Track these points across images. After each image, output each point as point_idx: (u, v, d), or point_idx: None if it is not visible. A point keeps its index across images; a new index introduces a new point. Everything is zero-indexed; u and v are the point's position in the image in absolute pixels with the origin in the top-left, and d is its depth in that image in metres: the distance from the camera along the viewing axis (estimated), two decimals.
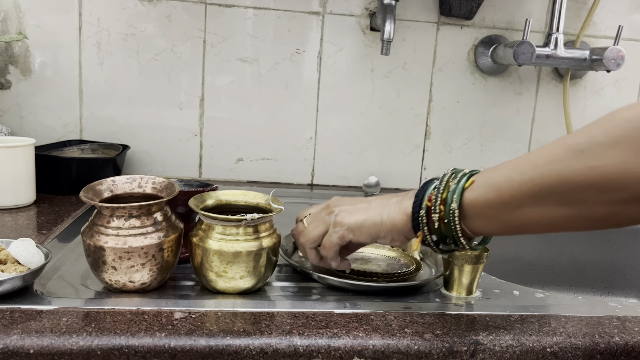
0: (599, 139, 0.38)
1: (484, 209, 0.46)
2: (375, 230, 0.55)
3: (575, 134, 0.41)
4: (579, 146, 0.39)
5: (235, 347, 0.49)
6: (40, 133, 1.08)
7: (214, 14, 1.08)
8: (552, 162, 0.41)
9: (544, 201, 0.42)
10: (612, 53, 1.05)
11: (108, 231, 0.55)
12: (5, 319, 0.50)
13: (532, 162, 0.42)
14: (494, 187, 0.45)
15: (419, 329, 0.53)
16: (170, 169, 1.13)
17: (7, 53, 1.05)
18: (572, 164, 0.39)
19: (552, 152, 0.41)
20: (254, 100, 1.12)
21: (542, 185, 0.41)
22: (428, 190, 0.51)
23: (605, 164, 0.38)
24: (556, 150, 0.41)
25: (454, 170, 0.51)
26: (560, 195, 0.41)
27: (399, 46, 1.13)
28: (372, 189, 1.09)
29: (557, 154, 0.41)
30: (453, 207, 0.47)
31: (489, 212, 0.46)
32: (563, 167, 0.40)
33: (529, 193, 0.42)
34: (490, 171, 0.47)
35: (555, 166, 0.40)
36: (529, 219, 0.44)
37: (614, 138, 0.38)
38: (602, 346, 0.54)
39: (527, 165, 0.43)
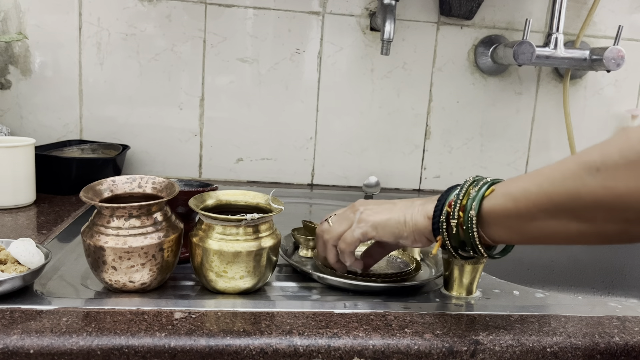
0: (614, 159, 0.39)
1: (501, 218, 0.48)
2: (398, 230, 0.56)
3: (590, 150, 0.41)
4: (594, 164, 0.40)
5: (235, 347, 0.49)
6: (40, 133, 1.08)
7: (214, 14, 1.08)
8: (567, 178, 0.42)
9: (559, 215, 0.43)
10: (612, 53, 1.05)
11: (108, 231, 0.55)
12: (5, 319, 0.50)
13: (549, 176, 0.43)
14: (511, 197, 0.46)
15: (419, 329, 0.53)
16: (170, 169, 1.13)
17: (7, 53, 1.05)
18: (587, 181, 0.40)
19: (568, 168, 0.42)
20: (254, 100, 1.12)
21: (557, 199, 0.42)
22: (450, 196, 0.52)
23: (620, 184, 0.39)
24: (572, 167, 0.42)
25: (476, 177, 0.52)
26: (574, 211, 0.42)
27: (399, 46, 1.13)
28: (372, 189, 1.09)
29: (573, 170, 0.41)
30: (471, 214, 0.49)
31: (506, 221, 0.47)
32: (578, 184, 0.41)
33: (544, 206, 0.44)
34: (510, 181, 0.48)
35: (570, 182, 0.41)
36: (544, 231, 0.45)
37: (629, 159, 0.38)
38: (602, 346, 0.54)
39: (543, 178, 0.44)
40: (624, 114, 1.22)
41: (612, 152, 0.39)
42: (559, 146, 1.22)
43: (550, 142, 1.22)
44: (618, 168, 0.39)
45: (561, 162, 0.43)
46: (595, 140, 1.22)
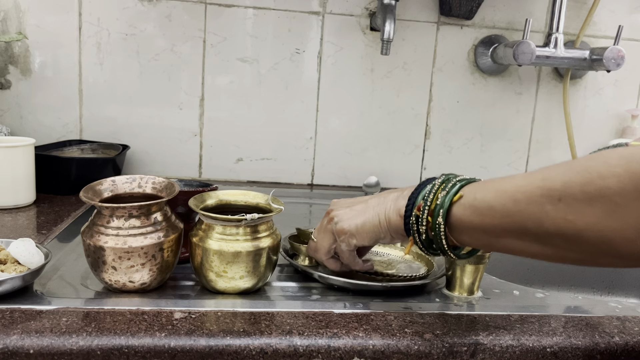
0: (575, 192, 0.38)
1: (468, 230, 0.47)
2: (375, 232, 0.55)
3: (555, 174, 0.40)
4: (556, 193, 0.39)
5: (235, 347, 0.49)
6: (40, 133, 1.08)
7: (214, 14, 1.08)
8: (531, 203, 0.41)
9: (522, 237, 0.43)
10: (612, 53, 1.05)
11: (108, 231, 0.55)
12: (5, 319, 0.50)
13: (513, 195, 0.43)
14: (477, 211, 0.46)
15: (419, 329, 0.53)
16: (170, 169, 1.13)
17: (7, 53, 1.05)
18: (549, 210, 0.40)
19: (532, 192, 0.41)
20: (254, 100, 1.12)
21: (520, 223, 0.42)
22: (419, 196, 0.51)
23: (579, 219, 0.38)
24: (536, 192, 0.41)
25: (446, 178, 0.51)
26: (537, 235, 0.42)
27: (399, 46, 1.13)
28: (372, 189, 1.09)
29: (537, 196, 0.41)
30: (439, 221, 0.48)
31: (473, 233, 0.47)
32: (540, 211, 0.40)
33: (507, 227, 0.43)
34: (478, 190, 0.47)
35: (533, 208, 0.41)
36: (509, 247, 0.45)
37: (589, 195, 0.37)
38: (602, 346, 0.54)
39: (508, 197, 0.43)
40: (624, 114, 1.22)
41: (573, 184, 0.38)
42: (559, 146, 1.22)
43: (550, 142, 1.22)
44: (578, 202, 0.38)
45: (527, 180, 0.42)
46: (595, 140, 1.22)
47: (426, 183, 0.52)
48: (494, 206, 0.44)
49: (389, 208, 0.54)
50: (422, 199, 0.50)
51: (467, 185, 0.49)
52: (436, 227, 0.48)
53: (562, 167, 0.40)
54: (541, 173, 0.42)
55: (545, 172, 0.41)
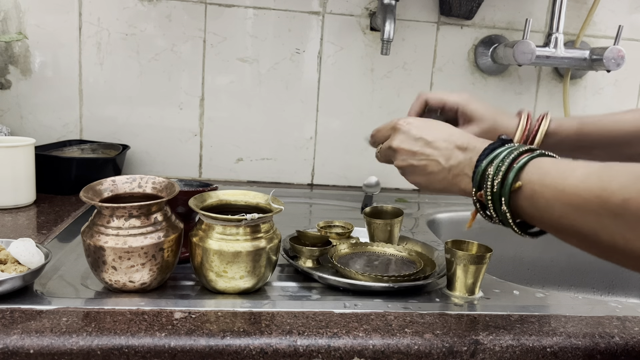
0: (634, 210, 0.37)
1: (530, 218, 0.47)
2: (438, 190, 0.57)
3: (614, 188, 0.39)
4: (615, 208, 0.38)
5: (235, 347, 0.49)
6: (40, 133, 1.08)
7: (214, 14, 1.08)
8: (588, 213, 0.40)
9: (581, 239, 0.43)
10: (612, 53, 1.05)
11: (108, 231, 0.55)
12: (5, 319, 0.50)
13: (571, 199, 0.42)
14: (535, 206, 0.46)
15: (419, 329, 0.53)
16: (170, 169, 1.13)
17: (7, 53, 1.05)
18: (607, 223, 0.39)
19: (590, 201, 0.40)
20: (254, 100, 1.12)
21: (578, 228, 0.42)
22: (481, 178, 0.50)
23: (637, 239, 0.37)
24: (594, 201, 0.40)
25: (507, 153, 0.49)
26: (595, 243, 0.41)
27: (399, 46, 1.13)
28: (372, 189, 1.09)
29: (594, 206, 0.40)
30: (504, 209, 0.48)
31: (535, 221, 0.48)
32: (597, 222, 0.40)
33: (566, 228, 0.43)
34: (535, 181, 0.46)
35: (590, 218, 0.40)
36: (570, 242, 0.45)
37: None
38: (602, 346, 0.54)
39: (566, 199, 0.42)
40: None
41: (633, 201, 0.37)
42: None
43: None
44: (637, 222, 0.37)
45: (586, 185, 0.41)
46: None
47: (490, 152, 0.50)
48: (553, 206, 0.44)
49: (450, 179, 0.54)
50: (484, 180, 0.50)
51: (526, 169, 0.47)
52: (502, 214, 0.49)
53: (623, 176, 0.39)
54: (600, 178, 0.40)
55: (605, 179, 0.40)
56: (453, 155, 0.54)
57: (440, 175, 0.55)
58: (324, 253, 0.69)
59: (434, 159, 0.55)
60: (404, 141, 0.58)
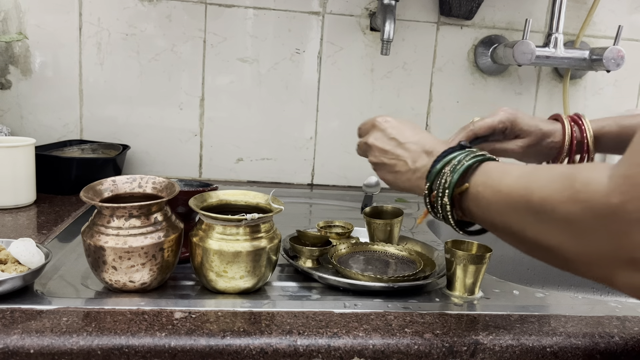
0: (548, 210, 0.40)
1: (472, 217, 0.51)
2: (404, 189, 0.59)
3: (535, 188, 0.42)
4: (535, 207, 0.42)
5: (235, 347, 0.49)
6: (40, 133, 1.08)
7: (214, 14, 1.08)
8: (516, 211, 0.44)
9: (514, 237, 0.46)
10: (611, 53, 1.05)
11: (108, 231, 0.55)
12: (6, 318, 0.50)
13: (505, 198, 0.45)
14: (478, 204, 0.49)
15: (419, 329, 0.53)
16: (170, 169, 1.13)
17: (8, 53, 1.05)
18: (529, 221, 0.42)
19: (517, 201, 0.44)
20: (254, 100, 1.13)
21: (509, 225, 0.45)
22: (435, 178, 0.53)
23: (551, 237, 0.40)
24: (520, 200, 0.43)
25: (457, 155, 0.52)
26: (523, 240, 0.44)
27: (399, 46, 1.13)
28: (372, 188, 1.09)
29: (520, 204, 0.43)
30: (445, 202, 0.52)
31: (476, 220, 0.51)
32: (522, 220, 0.43)
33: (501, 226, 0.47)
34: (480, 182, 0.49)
35: (517, 216, 0.44)
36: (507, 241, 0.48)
37: (559, 216, 0.39)
38: (602, 346, 0.54)
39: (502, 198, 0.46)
40: (624, 114, 1.22)
41: (549, 202, 0.40)
42: None
43: None
44: (552, 221, 0.40)
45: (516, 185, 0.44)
46: None
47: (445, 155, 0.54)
48: (491, 205, 0.47)
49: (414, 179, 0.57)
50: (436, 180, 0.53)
51: (475, 172, 0.50)
52: (443, 208, 0.52)
53: (546, 177, 0.42)
54: (527, 180, 0.44)
55: (530, 180, 0.43)
56: (419, 158, 0.57)
57: (406, 176, 0.58)
58: (324, 253, 0.69)
59: (403, 159, 0.59)
60: (378, 139, 0.61)
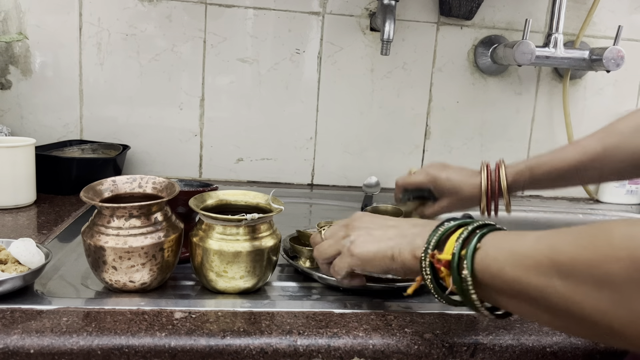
0: (582, 272, 0.36)
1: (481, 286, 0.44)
2: (386, 265, 0.52)
3: (562, 247, 0.38)
4: (564, 269, 0.37)
5: (235, 347, 0.49)
6: (40, 133, 1.08)
7: (214, 14, 1.08)
8: (539, 274, 0.39)
9: (533, 305, 0.41)
10: (611, 53, 1.05)
11: (108, 231, 0.55)
12: (6, 318, 0.50)
13: (523, 260, 0.40)
14: (488, 270, 0.43)
15: (419, 329, 0.53)
16: (170, 169, 1.13)
17: (8, 53, 1.05)
18: (557, 285, 0.37)
19: (540, 262, 0.39)
20: (254, 100, 1.13)
21: (529, 291, 0.40)
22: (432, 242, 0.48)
23: (586, 302, 0.36)
24: (544, 261, 0.38)
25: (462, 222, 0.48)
26: (546, 307, 0.39)
27: (399, 46, 1.13)
28: (372, 189, 1.09)
29: (544, 267, 0.38)
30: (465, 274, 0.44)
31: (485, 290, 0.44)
32: (547, 284, 0.38)
33: (519, 293, 0.41)
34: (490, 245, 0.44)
35: (541, 280, 0.39)
36: (522, 312, 0.43)
37: (596, 278, 0.35)
38: (602, 346, 0.54)
39: (519, 261, 0.41)
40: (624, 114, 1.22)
41: (581, 262, 0.36)
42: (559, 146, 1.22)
43: (550, 142, 1.22)
44: (585, 284, 0.36)
45: (537, 246, 0.40)
46: None
47: (446, 223, 0.48)
48: (505, 268, 0.41)
49: (405, 244, 0.50)
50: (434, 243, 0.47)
51: (484, 237, 0.45)
52: (463, 278, 0.44)
53: (571, 236, 0.38)
54: (550, 239, 0.39)
55: (554, 240, 0.39)
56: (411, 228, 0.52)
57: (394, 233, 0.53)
58: None
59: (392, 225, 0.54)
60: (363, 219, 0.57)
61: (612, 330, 0.35)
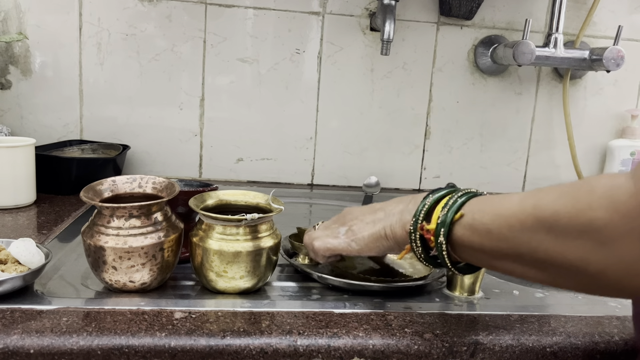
0: (564, 223, 0.37)
1: (468, 249, 0.47)
2: (382, 245, 0.55)
3: (545, 204, 0.39)
4: (546, 223, 0.39)
5: (235, 347, 0.49)
6: (40, 133, 1.08)
7: (214, 14, 1.08)
8: (524, 231, 0.41)
9: (519, 262, 0.42)
10: (611, 53, 1.05)
11: (108, 231, 0.55)
12: (6, 318, 0.50)
13: (508, 220, 0.42)
14: (476, 232, 0.45)
15: (419, 329, 0.53)
16: (170, 169, 1.13)
17: (8, 53, 1.05)
18: (541, 239, 0.39)
19: (524, 220, 0.41)
20: (254, 100, 1.13)
21: (515, 249, 0.42)
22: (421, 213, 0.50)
23: (569, 252, 0.37)
24: (528, 219, 0.40)
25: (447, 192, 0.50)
26: (533, 262, 0.41)
27: (399, 46, 1.13)
28: (372, 189, 1.09)
29: (529, 224, 0.40)
30: (441, 240, 0.48)
31: (473, 252, 0.47)
32: (532, 239, 0.40)
33: (505, 252, 0.43)
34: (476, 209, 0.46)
35: (525, 236, 0.40)
36: (508, 270, 0.44)
37: (578, 228, 0.36)
38: (602, 346, 0.54)
39: (504, 221, 0.43)
40: (624, 114, 1.22)
41: (563, 214, 0.38)
42: (558, 146, 1.22)
43: (550, 142, 1.22)
44: (567, 234, 0.37)
45: (521, 206, 0.42)
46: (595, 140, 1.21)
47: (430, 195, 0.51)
48: (491, 229, 0.44)
49: (395, 222, 0.54)
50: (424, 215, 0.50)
51: (469, 201, 0.48)
52: (439, 245, 0.48)
53: (554, 193, 0.40)
54: (534, 197, 0.41)
55: (538, 198, 0.41)
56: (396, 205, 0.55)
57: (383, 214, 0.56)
58: None
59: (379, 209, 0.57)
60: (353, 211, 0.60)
61: (596, 277, 0.37)
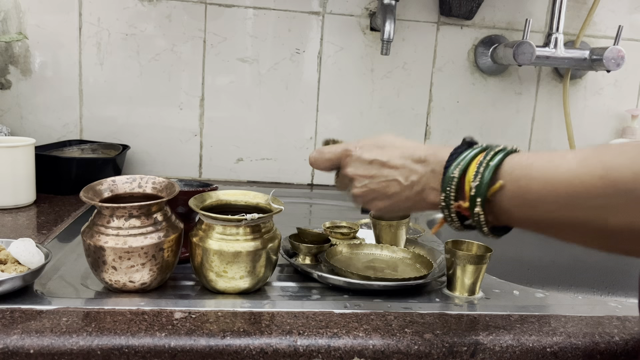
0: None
1: (517, 220, 0.43)
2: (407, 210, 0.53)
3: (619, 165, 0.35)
4: (628, 186, 0.34)
5: (235, 347, 0.49)
6: (40, 133, 1.08)
7: (214, 14, 1.08)
8: (594, 197, 0.36)
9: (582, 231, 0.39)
10: (612, 53, 1.05)
11: (108, 231, 0.55)
12: (6, 319, 0.50)
13: (569, 186, 0.37)
14: (525, 203, 0.41)
15: (419, 329, 0.53)
16: (170, 169, 1.13)
17: (7, 53, 1.05)
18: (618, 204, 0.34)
19: (594, 184, 0.36)
20: (254, 100, 1.12)
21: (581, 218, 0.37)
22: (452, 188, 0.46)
23: None
24: (599, 183, 0.35)
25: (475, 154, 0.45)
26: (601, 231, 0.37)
27: (399, 46, 1.13)
28: None
29: (600, 189, 0.35)
30: (477, 210, 0.44)
31: (522, 223, 0.43)
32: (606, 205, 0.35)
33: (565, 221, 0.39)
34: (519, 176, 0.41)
35: (597, 202, 0.36)
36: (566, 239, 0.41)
37: None
38: (602, 346, 0.54)
39: (563, 188, 0.38)
40: (624, 114, 1.22)
41: None
42: (559, 146, 1.22)
43: (550, 142, 1.22)
44: None
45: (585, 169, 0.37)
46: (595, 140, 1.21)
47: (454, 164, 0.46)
48: (546, 199, 0.39)
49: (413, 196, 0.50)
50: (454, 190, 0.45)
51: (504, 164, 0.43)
52: (475, 216, 0.44)
53: (624, 154, 0.35)
54: (597, 158, 0.36)
55: (606, 159, 0.36)
56: (412, 170, 0.50)
57: (404, 195, 0.51)
58: (321, 250, 0.69)
59: (393, 178, 0.51)
60: (358, 167, 0.54)
61: None
